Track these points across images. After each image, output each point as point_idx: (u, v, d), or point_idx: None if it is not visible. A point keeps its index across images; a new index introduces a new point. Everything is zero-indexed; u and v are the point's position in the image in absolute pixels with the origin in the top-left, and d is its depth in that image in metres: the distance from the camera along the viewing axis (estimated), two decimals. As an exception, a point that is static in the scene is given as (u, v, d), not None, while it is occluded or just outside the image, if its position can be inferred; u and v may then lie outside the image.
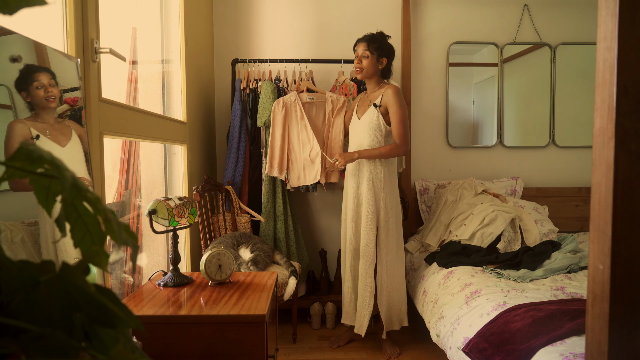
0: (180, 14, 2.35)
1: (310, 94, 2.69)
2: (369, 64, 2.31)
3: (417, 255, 2.80)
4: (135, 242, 0.44)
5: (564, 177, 3.32)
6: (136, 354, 0.40)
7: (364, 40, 2.33)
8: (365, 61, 2.31)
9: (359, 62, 2.33)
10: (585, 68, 3.28)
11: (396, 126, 2.28)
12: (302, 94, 2.69)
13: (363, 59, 2.31)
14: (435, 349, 2.32)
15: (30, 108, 0.94)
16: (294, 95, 2.67)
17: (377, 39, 2.31)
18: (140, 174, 2.10)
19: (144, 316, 1.33)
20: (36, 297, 0.38)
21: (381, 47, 2.31)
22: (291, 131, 2.68)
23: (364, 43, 2.31)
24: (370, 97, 2.39)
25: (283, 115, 2.64)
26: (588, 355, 0.65)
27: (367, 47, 2.30)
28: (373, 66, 2.32)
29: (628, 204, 0.60)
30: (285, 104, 2.65)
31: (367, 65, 2.31)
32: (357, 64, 2.34)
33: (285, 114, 2.65)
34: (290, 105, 2.66)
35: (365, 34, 2.37)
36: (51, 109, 1.00)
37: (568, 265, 2.21)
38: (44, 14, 1.27)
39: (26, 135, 0.92)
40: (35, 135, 0.93)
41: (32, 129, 0.94)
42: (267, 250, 2.39)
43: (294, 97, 2.67)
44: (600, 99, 0.62)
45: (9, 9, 0.39)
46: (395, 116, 2.27)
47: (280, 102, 2.65)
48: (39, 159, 0.39)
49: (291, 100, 2.66)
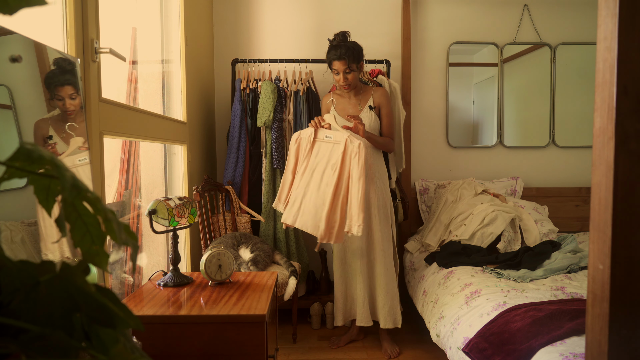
0: (180, 14, 2.35)
1: (330, 132, 2.26)
2: (353, 77, 2.30)
3: (417, 255, 2.80)
4: (135, 242, 0.44)
5: (564, 177, 3.32)
6: (136, 354, 0.40)
7: (340, 58, 2.24)
8: (350, 76, 2.29)
9: (345, 80, 2.29)
10: (585, 68, 3.28)
11: (389, 124, 2.42)
12: (320, 131, 2.28)
13: (347, 75, 2.28)
14: (435, 349, 2.32)
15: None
16: (309, 131, 2.31)
17: (351, 52, 2.24)
18: (140, 174, 2.10)
19: (144, 316, 1.33)
20: (36, 297, 0.38)
21: (357, 57, 2.28)
22: (298, 168, 2.34)
23: (343, 61, 2.24)
24: (355, 100, 2.41)
25: (295, 150, 2.34)
26: (588, 355, 0.65)
27: (347, 64, 2.24)
28: (357, 77, 2.34)
29: (628, 204, 0.60)
30: (300, 138, 2.33)
31: (353, 79, 2.31)
32: (343, 81, 2.29)
33: (298, 149, 2.34)
34: (303, 141, 2.33)
35: (335, 46, 2.26)
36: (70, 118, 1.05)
37: (568, 265, 2.21)
38: (44, 14, 1.27)
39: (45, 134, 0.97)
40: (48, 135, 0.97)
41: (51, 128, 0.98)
42: (267, 250, 2.39)
43: (309, 133, 2.31)
44: (600, 99, 0.62)
45: (9, 9, 0.39)
46: (389, 116, 2.41)
47: (295, 135, 2.35)
48: (39, 159, 0.39)
49: (306, 135, 2.32)
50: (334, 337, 2.58)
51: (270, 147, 2.76)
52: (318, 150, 2.27)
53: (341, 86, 2.35)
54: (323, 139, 2.27)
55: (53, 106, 1.00)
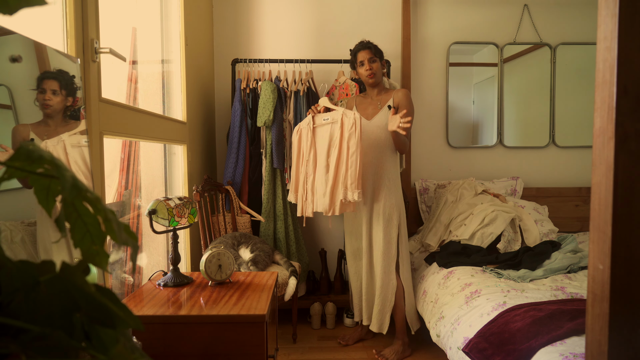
0: (180, 14, 2.35)
1: (327, 114, 2.31)
2: (378, 68, 2.36)
3: (417, 255, 2.80)
4: (135, 242, 0.44)
5: (564, 177, 3.33)
6: (136, 354, 0.40)
7: (366, 47, 2.35)
8: (374, 65, 2.35)
9: (370, 68, 2.34)
10: (585, 68, 3.28)
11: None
12: (317, 116, 2.34)
13: (372, 65, 2.34)
14: (435, 349, 2.32)
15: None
16: (307, 120, 2.38)
17: (375, 46, 2.37)
18: (140, 174, 2.10)
19: (144, 316, 1.33)
20: (36, 297, 0.38)
21: (380, 52, 2.38)
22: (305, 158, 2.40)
23: (368, 50, 2.34)
24: (376, 99, 2.42)
25: (297, 141, 2.40)
26: (588, 355, 0.65)
27: (372, 53, 2.34)
28: (381, 70, 2.39)
29: (628, 204, 0.60)
30: (301, 128, 2.40)
31: (377, 70, 2.36)
32: (367, 69, 2.34)
33: (300, 138, 2.40)
34: (303, 130, 2.39)
35: (361, 42, 2.38)
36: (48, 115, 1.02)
37: (568, 265, 2.21)
38: (44, 14, 1.27)
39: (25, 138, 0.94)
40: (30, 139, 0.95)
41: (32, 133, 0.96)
42: (267, 250, 2.39)
43: (307, 121, 2.37)
44: (600, 99, 0.62)
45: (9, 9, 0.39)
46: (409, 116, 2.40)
47: (297, 126, 2.41)
48: (39, 159, 0.39)
49: (305, 124, 2.39)
50: (343, 334, 2.60)
51: (270, 147, 2.76)
52: (320, 135, 2.34)
53: (366, 77, 2.36)
54: (321, 122, 2.33)
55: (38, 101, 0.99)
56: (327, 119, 2.31)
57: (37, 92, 0.98)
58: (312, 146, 2.35)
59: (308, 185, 2.34)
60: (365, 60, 2.34)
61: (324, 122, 2.32)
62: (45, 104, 1.01)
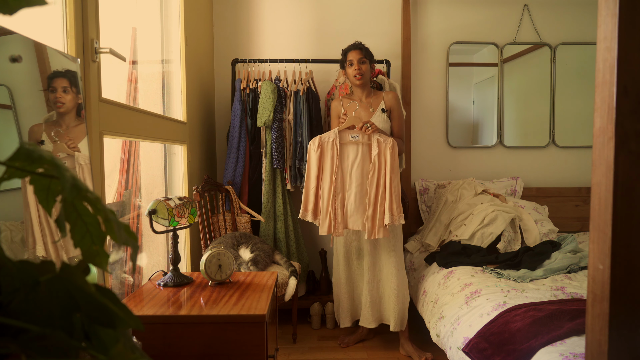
0: (180, 14, 2.35)
1: (354, 132, 2.28)
2: (366, 69, 2.36)
3: (417, 255, 2.80)
4: (135, 242, 0.44)
5: (564, 177, 3.33)
6: (136, 353, 0.40)
7: (356, 48, 2.35)
8: (363, 67, 2.34)
9: (358, 69, 2.33)
10: (585, 68, 3.28)
11: (400, 126, 2.45)
12: (344, 132, 2.29)
13: (362, 65, 2.34)
14: (435, 349, 2.32)
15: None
16: (332, 135, 2.29)
17: (366, 48, 2.37)
18: (140, 174, 2.10)
19: (144, 316, 1.33)
20: (36, 297, 0.38)
21: (370, 55, 2.38)
22: (324, 175, 2.31)
23: (358, 50, 2.34)
24: (366, 102, 2.42)
25: (318, 156, 2.30)
26: (588, 355, 0.65)
27: (362, 54, 2.33)
28: (369, 72, 2.39)
29: (628, 204, 0.60)
30: (322, 144, 2.30)
31: (365, 71, 2.36)
32: (356, 69, 2.34)
33: (321, 154, 2.30)
34: (326, 145, 2.30)
35: (353, 43, 2.38)
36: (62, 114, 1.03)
37: (568, 265, 2.21)
38: (44, 14, 1.27)
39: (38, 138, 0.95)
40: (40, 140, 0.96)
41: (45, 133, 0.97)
42: (267, 250, 2.39)
43: (332, 137, 2.29)
44: (600, 99, 0.62)
45: (9, 9, 0.39)
46: (400, 118, 2.45)
47: (316, 140, 2.31)
48: (39, 159, 0.39)
49: (329, 139, 2.29)
50: (342, 336, 2.58)
51: (270, 147, 2.76)
52: (347, 153, 2.31)
53: (353, 77, 2.36)
54: (348, 140, 2.30)
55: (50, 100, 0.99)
56: (357, 137, 2.28)
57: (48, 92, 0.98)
58: (339, 164, 2.29)
59: (337, 203, 2.28)
60: (355, 60, 2.34)
61: (351, 140, 2.30)
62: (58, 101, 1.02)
